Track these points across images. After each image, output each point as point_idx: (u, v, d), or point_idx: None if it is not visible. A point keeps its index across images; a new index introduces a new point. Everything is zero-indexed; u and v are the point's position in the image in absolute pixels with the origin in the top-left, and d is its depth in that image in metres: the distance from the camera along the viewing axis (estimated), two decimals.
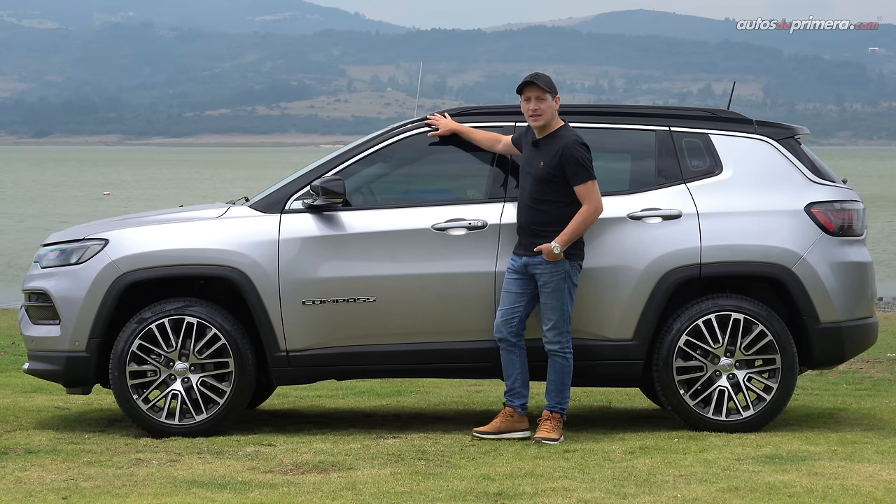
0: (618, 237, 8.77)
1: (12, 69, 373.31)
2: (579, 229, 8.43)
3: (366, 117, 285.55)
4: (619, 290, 8.73)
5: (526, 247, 8.50)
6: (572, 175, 8.41)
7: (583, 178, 8.42)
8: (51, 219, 44.78)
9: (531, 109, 8.51)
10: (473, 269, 8.72)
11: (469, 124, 8.99)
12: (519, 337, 8.55)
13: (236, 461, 7.92)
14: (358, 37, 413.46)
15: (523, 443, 8.44)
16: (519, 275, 8.53)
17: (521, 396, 8.59)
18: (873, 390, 11.17)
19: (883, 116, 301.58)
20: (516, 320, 8.54)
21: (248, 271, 8.69)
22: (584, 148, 8.45)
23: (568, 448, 8.27)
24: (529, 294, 8.54)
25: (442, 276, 8.71)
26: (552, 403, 8.57)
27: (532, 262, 8.47)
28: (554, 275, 8.44)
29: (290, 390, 10.93)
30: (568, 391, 8.59)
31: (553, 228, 8.44)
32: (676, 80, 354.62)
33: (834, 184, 9.13)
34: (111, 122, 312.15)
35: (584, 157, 8.42)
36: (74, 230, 9.16)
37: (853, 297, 8.95)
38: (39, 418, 9.57)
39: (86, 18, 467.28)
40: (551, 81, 8.56)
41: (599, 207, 8.47)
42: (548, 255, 8.40)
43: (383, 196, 9.04)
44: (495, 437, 8.51)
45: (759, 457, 7.96)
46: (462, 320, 8.71)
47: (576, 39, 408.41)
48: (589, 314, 8.72)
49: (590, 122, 9.08)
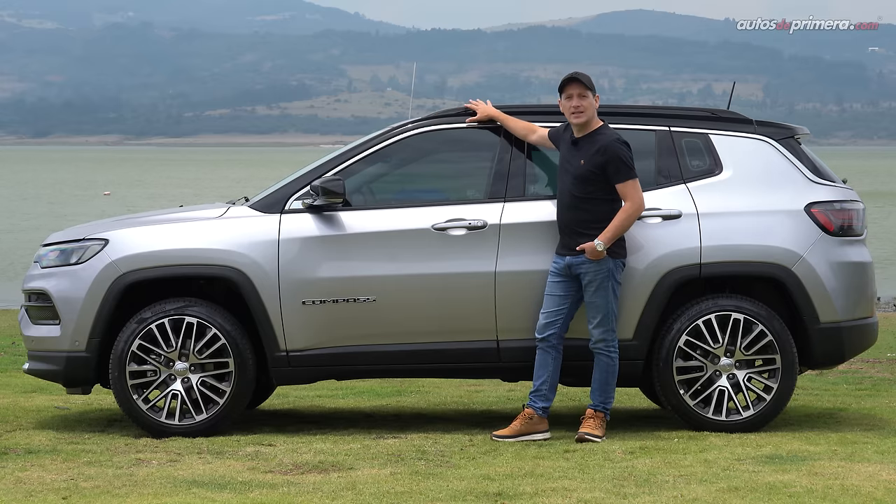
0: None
1: (12, 69, 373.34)
2: (622, 227, 8.44)
3: (366, 117, 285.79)
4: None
5: (568, 247, 8.50)
6: (614, 173, 8.42)
7: (625, 177, 8.43)
8: (54, 218, 44.76)
9: (573, 106, 8.52)
10: (473, 269, 8.72)
11: (469, 124, 9.02)
12: (560, 340, 8.54)
13: (236, 461, 7.92)
14: (358, 37, 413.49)
15: (523, 443, 8.44)
16: (562, 277, 8.52)
17: (546, 399, 8.57)
18: (873, 390, 11.17)
19: (883, 116, 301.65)
20: (560, 322, 8.52)
21: (248, 271, 8.69)
22: (626, 146, 8.47)
23: (568, 448, 8.27)
24: (574, 296, 8.52)
25: (442, 276, 8.71)
26: (596, 402, 8.58)
27: (575, 261, 8.47)
28: (598, 273, 8.43)
29: (290, 390, 10.93)
30: (613, 390, 8.58)
31: (595, 227, 8.43)
32: (676, 80, 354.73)
33: (834, 184, 9.13)
34: (111, 122, 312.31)
35: (627, 155, 8.44)
36: (74, 230, 9.16)
37: (853, 297, 8.95)
38: (39, 418, 9.57)
39: (86, 18, 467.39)
40: (591, 81, 8.59)
41: (642, 205, 8.49)
42: (591, 254, 8.39)
43: (383, 196, 9.03)
44: (515, 440, 8.48)
45: (759, 457, 7.96)
46: (462, 320, 8.71)
47: (576, 39, 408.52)
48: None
49: None
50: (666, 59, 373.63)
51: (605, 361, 8.54)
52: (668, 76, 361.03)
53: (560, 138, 8.68)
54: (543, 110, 9.13)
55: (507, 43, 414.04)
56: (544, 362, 8.56)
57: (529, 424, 8.53)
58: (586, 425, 8.53)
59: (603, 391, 8.58)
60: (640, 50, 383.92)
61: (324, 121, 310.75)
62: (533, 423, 8.54)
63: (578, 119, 8.51)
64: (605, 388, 8.57)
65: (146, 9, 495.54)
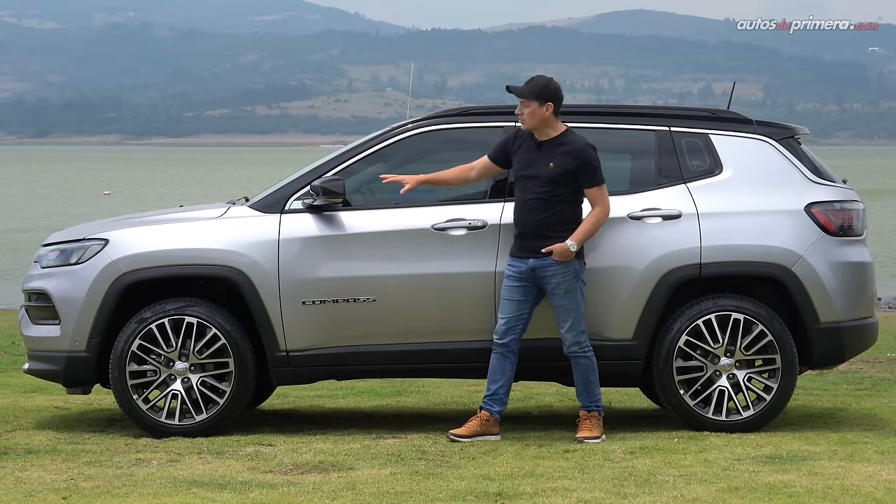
0: (618, 237, 8.76)
1: (12, 69, 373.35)
2: (593, 229, 8.46)
3: (366, 117, 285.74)
4: (619, 290, 8.73)
5: (531, 249, 8.48)
6: (586, 178, 8.44)
7: (597, 182, 8.45)
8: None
9: (517, 114, 8.61)
10: (473, 269, 8.72)
11: (469, 124, 9.02)
12: (518, 343, 8.55)
13: (236, 461, 7.92)
14: (358, 37, 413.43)
15: (523, 443, 8.44)
16: (522, 281, 8.51)
17: (502, 403, 8.59)
18: (873, 390, 11.17)
19: (883, 116, 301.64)
20: (520, 327, 8.54)
21: (248, 271, 8.69)
22: (596, 151, 8.50)
23: (568, 448, 8.27)
24: (534, 300, 8.54)
25: (442, 276, 8.71)
26: (586, 403, 8.59)
27: (541, 264, 8.46)
28: (566, 275, 8.43)
29: (290, 390, 10.93)
30: (597, 388, 8.59)
31: (561, 229, 8.43)
32: (676, 80, 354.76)
33: (834, 184, 9.13)
34: (111, 122, 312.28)
35: (598, 160, 8.48)
36: (74, 230, 9.16)
37: (853, 297, 8.95)
38: (39, 418, 9.57)
39: (86, 18, 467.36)
40: (540, 89, 8.49)
41: (609, 210, 8.52)
42: (562, 255, 8.39)
43: (383, 196, 9.03)
44: (469, 440, 8.49)
45: (759, 457, 7.96)
46: (462, 320, 8.71)
47: (576, 39, 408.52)
48: (589, 314, 8.71)
49: (590, 122, 9.09)
50: (666, 59, 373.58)
51: (583, 363, 8.54)
52: (668, 76, 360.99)
53: (513, 146, 8.62)
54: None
55: (507, 43, 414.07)
56: (502, 366, 8.56)
57: (486, 426, 8.56)
58: (584, 428, 8.53)
59: (589, 391, 8.58)
60: (640, 50, 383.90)
61: (324, 121, 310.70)
62: (489, 424, 8.56)
63: (523, 126, 8.55)
64: (590, 387, 8.57)
65: (146, 9, 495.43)
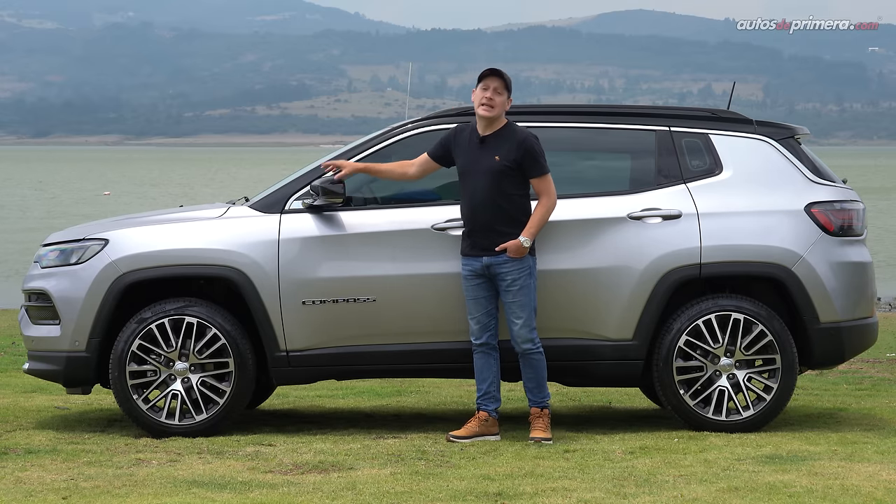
0: (618, 237, 8.77)
1: (12, 69, 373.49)
2: (543, 221, 8.44)
3: (366, 117, 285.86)
4: (619, 290, 8.73)
5: (483, 247, 8.44)
6: (531, 167, 8.41)
7: (542, 171, 8.43)
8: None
9: (486, 98, 8.43)
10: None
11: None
12: (496, 338, 8.54)
13: (236, 461, 7.92)
14: (358, 37, 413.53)
15: (523, 443, 8.44)
16: (480, 278, 8.48)
17: (496, 400, 8.58)
18: (873, 390, 11.17)
19: (883, 116, 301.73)
20: (493, 323, 8.52)
21: (248, 271, 8.69)
22: (539, 141, 8.48)
23: (568, 448, 8.27)
24: (496, 293, 8.52)
25: (442, 276, 8.71)
26: (537, 400, 8.55)
27: (496, 261, 8.42)
28: (521, 272, 8.42)
29: (290, 390, 10.93)
30: (546, 383, 8.58)
31: (512, 224, 8.41)
32: (676, 80, 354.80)
33: (834, 184, 9.13)
34: (111, 122, 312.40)
35: (542, 150, 8.46)
36: (74, 230, 9.16)
37: (853, 297, 8.95)
38: (39, 418, 9.57)
39: (86, 18, 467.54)
40: (511, 84, 8.53)
41: (556, 200, 8.49)
42: (516, 251, 8.37)
43: (383, 196, 9.03)
44: (469, 441, 8.49)
45: (759, 457, 7.96)
46: (462, 320, 8.70)
47: (576, 39, 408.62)
48: (589, 314, 8.72)
49: (590, 122, 9.10)
50: (666, 59, 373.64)
51: (537, 360, 8.51)
52: (668, 76, 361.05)
53: (457, 142, 8.58)
54: (544, 110, 9.14)
55: (507, 43, 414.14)
56: (487, 365, 8.55)
57: (485, 426, 8.55)
58: (537, 427, 8.49)
59: (540, 388, 8.55)
60: (640, 50, 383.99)
61: (324, 121, 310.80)
62: (488, 424, 8.55)
63: (487, 112, 8.43)
64: (542, 384, 8.55)
65: (146, 9, 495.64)
